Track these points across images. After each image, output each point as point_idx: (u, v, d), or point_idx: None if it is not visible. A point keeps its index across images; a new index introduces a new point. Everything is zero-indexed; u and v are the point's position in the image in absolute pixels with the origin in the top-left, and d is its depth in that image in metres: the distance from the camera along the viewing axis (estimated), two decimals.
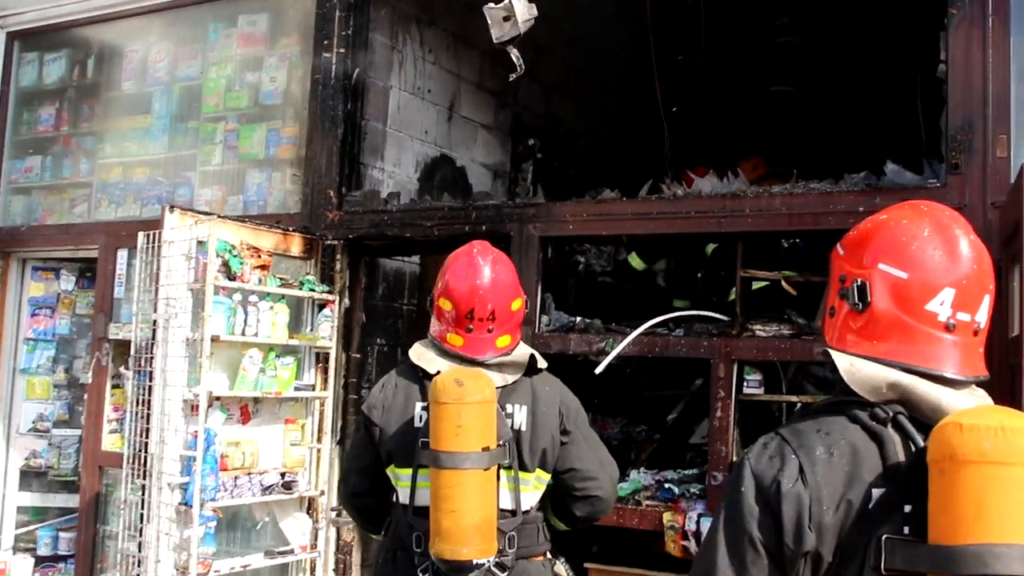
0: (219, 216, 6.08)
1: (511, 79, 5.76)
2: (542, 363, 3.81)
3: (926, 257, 2.13)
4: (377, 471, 3.72)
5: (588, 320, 6.23)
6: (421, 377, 3.69)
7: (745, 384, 5.69)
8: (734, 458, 5.59)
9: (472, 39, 8.40)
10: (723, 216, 5.71)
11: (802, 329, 5.68)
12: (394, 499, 3.68)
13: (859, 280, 2.18)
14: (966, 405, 2.04)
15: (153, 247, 6.09)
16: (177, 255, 5.93)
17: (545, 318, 6.28)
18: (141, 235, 6.17)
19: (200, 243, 5.97)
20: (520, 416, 3.63)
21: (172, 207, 6.05)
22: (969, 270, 2.12)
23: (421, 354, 3.76)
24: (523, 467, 3.61)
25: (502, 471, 3.53)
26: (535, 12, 5.48)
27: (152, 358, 5.91)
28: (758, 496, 2.09)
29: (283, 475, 6.35)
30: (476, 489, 3.36)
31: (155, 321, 5.95)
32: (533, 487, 3.65)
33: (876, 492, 2.02)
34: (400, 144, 7.65)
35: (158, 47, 8.09)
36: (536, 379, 3.76)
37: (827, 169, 5.76)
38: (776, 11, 8.65)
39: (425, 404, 3.53)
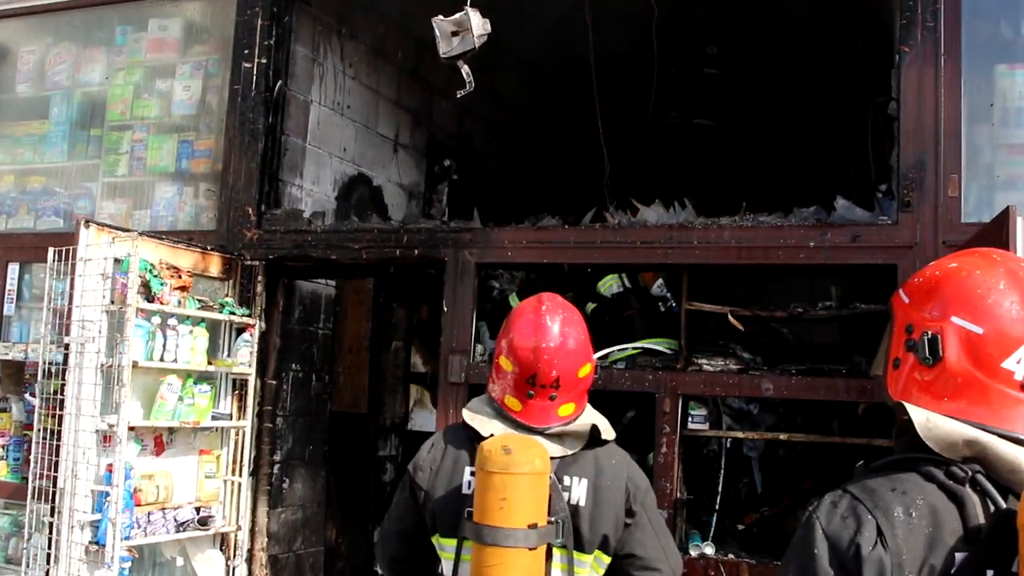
0: (140, 233, 5.68)
1: (459, 95, 5.54)
2: (608, 433, 3.34)
3: (1003, 311, 2.00)
4: (420, 537, 3.35)
5: None
6: (473, 439, 3.27)
7: (690, 419, 5.59)
8: (679, 495, 5.48)
9: (390, 55, 8.18)
10: (670, 247, 5.60)
11: (748, 364, 5.62)
12: (439, 571, 3.31)
13: (930, 332, 2.05)
14: None
15: (63, 264, 5.66)
16: (93, 274, 5.53)
17: (480, 348, 6.07)
18: (51, 251, 5.72)
19: (117, 261, 5.58)
20: (579, 490, 3.22)
21: (88, 222, 5.64)
22: None
23: (475, 413, 3.36)
24: (580, 547, 3.19)
25: (555, 550, 3.13)
26: (489, 28, 5.28)
27: (64, 384, 5.49)
28: (832, 559, 1.96)
29: (198, 510, 5.98)
30: (520, 570, 2.99)
31: (67, 345, 5.53)
32: (591, 569, 3.24)
33: (959, 556, 1.90)
34: (319, 161, 7.35)
35: (58, 49, 7.63)
36: (600, 450, 3.33)
37: (776, 203, 5.72)
38: (712, 41, 8.64)
39: (474, 470, 3.14)
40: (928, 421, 2.01)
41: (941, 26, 5.20)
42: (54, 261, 5.72)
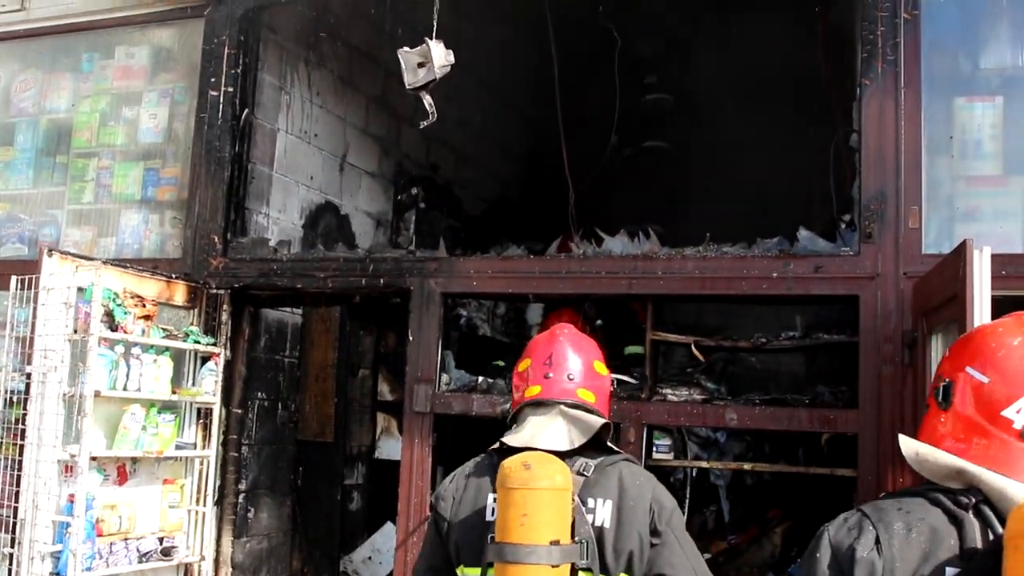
0: (103, 261, 5.65)
1: (422, 126, 5.57)
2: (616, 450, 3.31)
3: (1010, 365, 2.20)
4: (448, 572, 3.24)
5: (491, 380, 6.06)
6: (496, 465, 3.16)
7: (655, 449, 5.62)
8: None
9: (359, 84, 8.20)
10: (634, 277, 5.63)
11: (712, 394, 5.65)
12: None
13: (946, 380, 2.28)
14: None
15: (26, 292, 5.61)
16: (55, 303, 5.49)
17: (445, 377, 6.07)
18: (14, 279, 5.68)
19: (80, 290, 5.54)
20: (603, 512, 3.12)
21: (51, 250, 5.60)
22: None
23: (507, 434, 3.31)
24: (605, 570, 3.10)
25: (581, 573, 3.04)
26: (452, 59, 5.32)
27: (26, 414, 5.44)
28: (832, 562, 2.17)
29: (161, 540, 5.94)
30: None
31: (29, 374, 5.48)
32: None
33: (950, 571, 2.06)
34: (286, 189, 7.34)
35: (24, 75, 7.60)
36: (625, 471, 3.23)
37: (740, 233, 5.77)
38: (666, 69, 8.71)
39: (496, 495, 3.08)
40: (918, 455, 2.26)
41: (901, 59, 5.27)
42: (17, 289, 5.68)
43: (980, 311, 3.96)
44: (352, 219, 8.13)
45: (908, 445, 2.28)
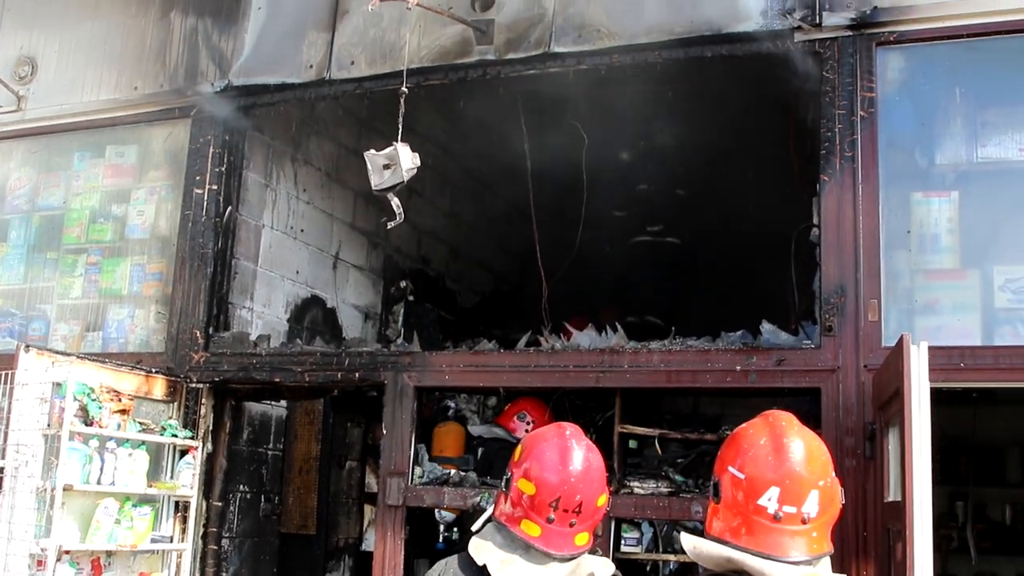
0: (78, 357, 5.77)
1: (388, 227, 5.70)
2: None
3: (759, 461, 2.64)
4: None
5: (463, 472, 6.10)
6: (481, 571, 3.14)
7: (623, 542, 5.62)
8: None
9: (346, 179, 8.36)
10: (602, 371, 5.70)
11: (680, 487, 5.67)
12: None
13: (716, 479, 2.73)
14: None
15: (5, 386, 5.72)
16: (30, 398, 5.60)
17: (418, 470, 6.12)
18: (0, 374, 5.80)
19: (57, 385, 5.64)
20: None
21: (28, 346, 5.72)
22: (792, 471, 2.62)
23: (483, 540, 3.20)
24: None
25: None
26: (418, 161, 5.46)
27: None
28: None
29: None
30: None
31: (2, 468, 5.56)
32: None
33: None
34: (271, 284, 7.47)
35: (19, 173, 7.80)
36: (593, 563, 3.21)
37: (705, 327, 5.84)
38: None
39: None
40: (695, 548, 2.70)
41: (859, 156, 5.39)
42: (1, 383, 5.80)
43: (919, 405, 4.00)
44: (339, 312, 8.24)
45: (687, 540, 2.72)
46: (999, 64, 5.46)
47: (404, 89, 5.57)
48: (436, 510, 6.64)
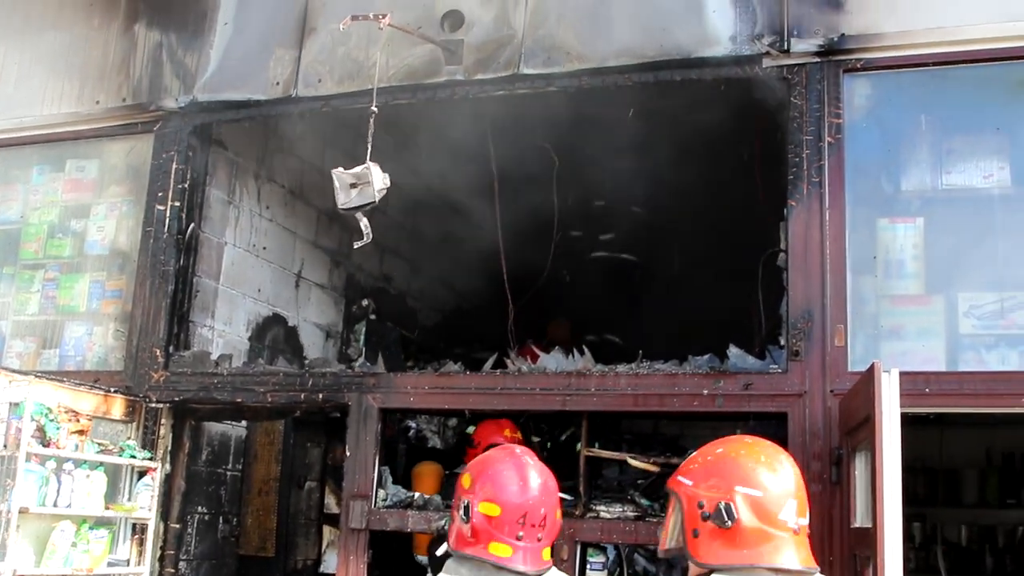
0: (36, 375, 5.66)
1: (356, 247, 5.66)
2: None
3: (771, 477, 2.68)
4: None
5: (427, 496, 6.04)
6: None
7: (588, 567, 5.59)
8: None
9: (309, 197, 8.29)
10: (568, 394, 5.68)
11: (646, 511, 5.65)
12: None
13: (723, 502, 2.66)
14: None
15: None
16: None
17: (382, 492, 6.05)
18: None
19: (14, 404, 5.52)
20: None
21: None
22: (799, 484, 2.72)
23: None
24: None
25: None
26: (388, 182, 5.43)
27: None
28: None
29: None
30: None
31: None
32: None
33: None
34: (232, 302, 7.38)
35: None
36: None
37: (665, 347, 5.85)
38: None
39: None
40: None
41: (826, 181, 5.43)
42: None
43: (891, 432, 4.01)
44: (301, 331, 8.16)
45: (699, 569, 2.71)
46: (964, 93, 5.52)
47: (374, 108, 5.54)
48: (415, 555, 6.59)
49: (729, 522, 2.64)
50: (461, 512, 3.19)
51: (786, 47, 5.60)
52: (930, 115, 5.49)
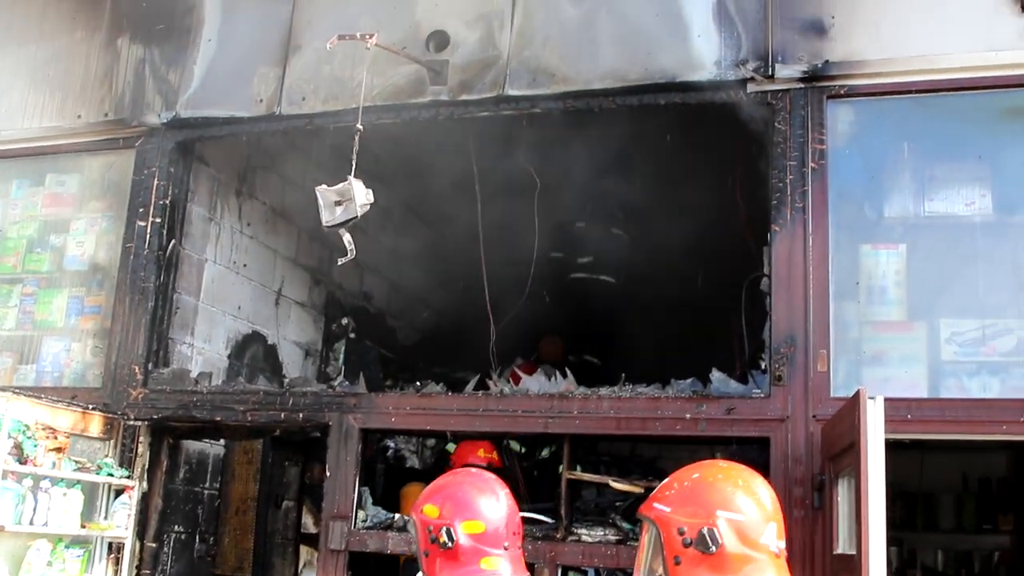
0: (15, 392, 5.60)
1: (339, 264, 5.64)
2: None
3: (751, 501, 2.62)
4: None
5: (407, 517, 5.99)
6: None
7: None
8: None
9: (290, 215, 8.26)
10: (551, 416, 5.66)
11: (627, 534, 5.63)
12: None
13: (706, 528, 2.57)
14: None
15: None
16: None
17: (362, 514, 6.01)
18: None
19: None
20: None
21: None
22: (776, 508, 2.66)
23: None
24: None
25: None
26: (371, 198, 5.41)
27: None
28: None
29: None
30: None
31: None
32: None
33: None
34: (212, 319, 7.34)
35: None
36: None
37: (645, 369, 5.85)
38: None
39: None
40: None
41: (809, 207, 5.45)
42: None
43: (875, 459, 4.02)
44: (280, 349, 8.12)
45: None
46: (946, 120, 5.56)
47: (359, 126, 5.53)
48: None
49: (713, 547, 2.56)
50: (443, 539, 3.14)
51: (770, 73, 5.63)
52: (913, 142, 5.53)
